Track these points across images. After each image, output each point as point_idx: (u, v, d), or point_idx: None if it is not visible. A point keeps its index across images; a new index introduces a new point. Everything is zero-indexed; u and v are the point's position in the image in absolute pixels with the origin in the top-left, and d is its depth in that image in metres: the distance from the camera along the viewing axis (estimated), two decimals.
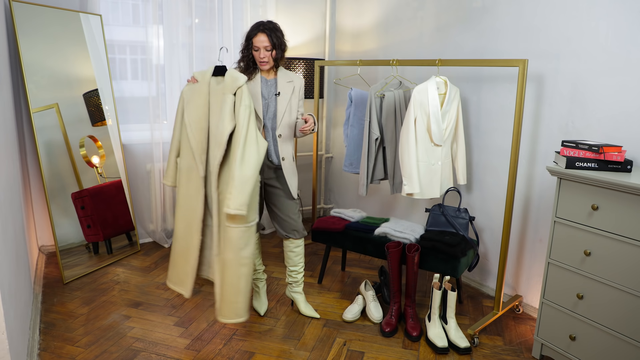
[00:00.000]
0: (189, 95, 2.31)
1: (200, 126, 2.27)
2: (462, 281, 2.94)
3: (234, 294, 2.23)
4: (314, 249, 3.72)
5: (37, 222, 3.39)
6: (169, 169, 2.44)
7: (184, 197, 2.35)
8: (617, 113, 2.26)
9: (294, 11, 4.09)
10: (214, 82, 2.29)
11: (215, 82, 2.29)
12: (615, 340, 1.98)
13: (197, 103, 2.28)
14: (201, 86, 2.29)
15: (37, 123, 2.93)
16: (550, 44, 2.52)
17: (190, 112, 2.29)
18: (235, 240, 2.18)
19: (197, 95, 2.29)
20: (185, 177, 2.34)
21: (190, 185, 2.33)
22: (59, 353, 2.28)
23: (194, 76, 2.34)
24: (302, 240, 2.64)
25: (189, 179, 2.33)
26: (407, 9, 3.46)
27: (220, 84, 2.27)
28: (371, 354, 2.35)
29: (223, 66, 2.32)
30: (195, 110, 2.28)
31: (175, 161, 2.41)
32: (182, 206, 2.36)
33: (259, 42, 2.38)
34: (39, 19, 2.98)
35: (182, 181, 2.36)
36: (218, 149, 2.19)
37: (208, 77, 2.30)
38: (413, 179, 2.71)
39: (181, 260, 2.38)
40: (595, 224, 2.00)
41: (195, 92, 2.30)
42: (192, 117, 2.28)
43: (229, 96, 2.19)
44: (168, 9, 3.48)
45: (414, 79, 3.24)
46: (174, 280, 2.43)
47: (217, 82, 2.29)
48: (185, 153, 2.34)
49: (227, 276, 2.21)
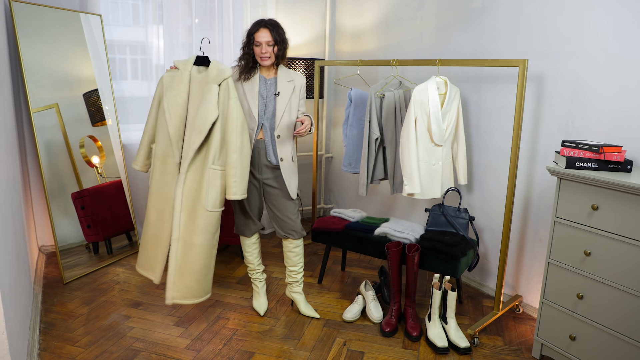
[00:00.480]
0: (169, 82, 2.33)
1: (179, 113, 2.28)
2: (462, 281, 2.94)
3: (202, 274, 2.29)
4: (314, 249, 3.72)
5: (37, 222, 3.39)
6: (140, 153, 2.46)
7: (158, 183, 2.36)
8: (617, 113, 2.26)
9: (294, 11, 4.09)
10: (195, 70, 2.33)
11: (196, 71, 2.33)
12: (615, 340, 1.98)
13: (177, 90, 2.30)
14: (182, 74, 2.31)
15: (37, 123, 2.93)
16: (550, 44, 2.52)
17: (169, 98, 2.30)
18: (211, 224, 2.26)
19: (177, 83, 2.31)
20: (161, 163, 2.35)
21: (165, 171, 2.34)
22: (59, 353, 2.28)
23: (175, 64, 2.37)
24: (301, 241, 2.64)
25: (164, 164, 2.34)
26: (407, 9, 3.46)
27: (202, 73, 2.30)
28: (371, 354, 2.35)
29: (205, 57, 2.34)
30: (174, 98, 2.30)
31: (147, 146, 2.44)
32: (155, 192, 2.37)
33: (260, 37, 2.37)
34: (39, 19, 2.98)
35: (157, 167, 2.36)
36: (198, 135, 2.21)
37: (189, 66, 2.33)
38: (414, 179, 2.71)
39: (152, 246, 2.38)
40: (595, 224, 2.00)
41: (176, 80, 2.32)
42: (171, 103, 2.29)
43: (213, 86, 2.21)
44: (168, 9, 3.48)
45: (414, 79, 3.24)
46: (144, 265, 2.44)
47: (199, 71, 2.32)
48: (161, 139, 2.35)
49: (194, 260, 2.25)
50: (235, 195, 2.24)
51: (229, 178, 2.24)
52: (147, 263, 2.42)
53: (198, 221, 2.24)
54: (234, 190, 2.23)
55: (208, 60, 2.35)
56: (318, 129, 4.26)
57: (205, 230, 2.25)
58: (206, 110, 2.19)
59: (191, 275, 2.25)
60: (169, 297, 2.27)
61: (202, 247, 2.26)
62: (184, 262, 2.25)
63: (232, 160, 2.23)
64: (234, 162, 2.23)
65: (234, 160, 2.23)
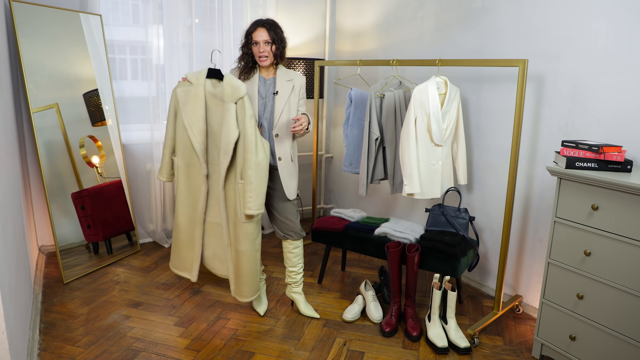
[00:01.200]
0: (184, 97, 2.40)
1: (200, 128, 2.40)
2: (462, 281, 2.94)
3: (253, 275, 2.49)
4: (314, 249, 3.72)
5: (37, 222, 3.39)
6: (164, 165, 2.59)
7: (184, 193, 2.54)
8: (617, 113, 2.26)
9: (294, 11, 4.09)
10: (209, 85, 2.38)
11: (211, 85, 2.38)
12: (615, 341, 1.98)
13: (194, 106, 2.38)
14: (197, 89, 2.37)
15: (37, 123, 2.93)
16: (550, 44, 2.52)
17: (187, 114, 2.39)
18: (250, 233, 2.41)
19: (192, 98, 2.38)
20: (184, 175, 2.51)
21: (190, 181, 2.51)
22: (59, 353, 2.28)
23: (188, 78, 2.40)
24: (300, 241, 2.64)
25: (188, 175, 2.51)
26: (407, 9, 3.46)
27: (217, 89, 2.36)
28: (371, 354, 2.35)
29: (217, 70, 2.36)
30: (192, 113, 2.39)
31: (170, 158, 2.56)
32: (183, 201, 2.55)
33: (258, 36, 2.38)
34: (39, 19, 2.98)
35: (181, 178, 2.53)
36: (225, 156, 2.34)
37: (202, 80, 2.38)
38: (414, 179, 2.71)
39: (185, 249, 2.60)
40: (595, 224, 2.00)
41: (191, 95, 2.38)
42: (190, 120, 2.39)
43: (231, 105, 2.29)
44: (168, 9, 3.48)
45: (414, 79, 3.24)
46: (180, 267, 2.66)
47: (213, 85, 2.38)
48: (183, 152, 2.49)
49: (246, 262, 2.43)
50: (250, 211, 2.32)
51: (245, 194, 2.32)
52: (182, 264, 2.64)
53: (239, 231, 2.41)
54: (249, 206, 2.32)
55: (220, 73, 2.37)
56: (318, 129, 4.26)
57: (246, 238, 2.40)
58: (227, 130, 2.29)
59: (241, 278, 2.47)
60: (233, 290, 2.52)
61: (245, 252, 2.43)
62: (237, 266, 2.46)
63: (247, 177, 2.31)
64: (249, 177, 2.31)
65: (249, 176, 2.31)
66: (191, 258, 2.59)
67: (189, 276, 2.62)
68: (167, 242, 3.71)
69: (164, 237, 3.70)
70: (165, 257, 3.49)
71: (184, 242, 2.59)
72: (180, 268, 2.65)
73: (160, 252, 3.59)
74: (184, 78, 2.43)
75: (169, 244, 3.72)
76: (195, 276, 2.60)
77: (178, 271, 2.67)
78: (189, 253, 2.60)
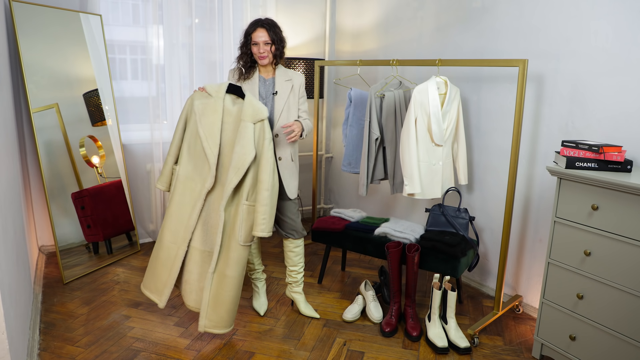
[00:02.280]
0: (201, 109, 2.31)
1: (215, 142, 2.30)
2: (462, 281, 2.94)
3: (235, 304, 2.35)
4: (314, 249, 3.72)
5: (37, 222, 3.39)
6: (164, 173, 2.45)
7: (177, 206, 2.36)
8: (617, 113, 2.26)
9: (294, 11, 4.09)
10: (228, 101, 2.32)
11: (230, 102, 2.33)
12: (615, 341, 1.98)
13: (211, 119, 2.30)
14: (216, 103, 2.30)
15: (37, 123, 2.93)
16: (550, 44, 2.52)
17: (204, 126, 2.30)
18: (243, 258, 2.32)
19: (211, 111, 2.31)
20: (182, 186, 2.36)
21: (185, 195, 2.36)
22: (59, 353, 2.28)
23: (207, 89, 2.32)
24: (301, 240, 2.64)
25: (185, 188, 2.36)
26: (407, 9, 3.46)
27: (236, 106, 2.31)
28: (371, 354, 2.35)
29: (238, 86, 2.32)
30: (210, 126, 2.30)
31: (172, 167, 2.44)
32: (172, 214, 2.37)
33: (257, 37, 2.38)
34: (39, 19, 2.98)
35: (178, 189, 2.37)
36: (236, 174, 2.25)
37: (222, 94, 2.31)
38: (414, 179, 2.71)
39: (162, 269, 2.38)
40: (595, 224, 2.00)
41: (209, 108, 2.31)
42: (207, 131, 2.30)
43: (249, 124, 2.25)
44: (168, 9, 3.48)
45: (414, 79, 3.24)
46: (150, 287, 2.44)
47: (233, 102, 2.33)
48: (187, 162, 2.37)
49: (230, 289, 2.30)
50: (262, 233, 2.27)
51: (257, 215, 2.27)
52: (154, 285, 2.42)
53: (232, 254, 2.29)
54: (261, 228, 2.27)
55: (241, 90, 2.32)
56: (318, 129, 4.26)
57: (237, 263, 2.30)
58: (243, 149, 2.23)
59: (223, 306, 2.31)
60: (201, 325, 2.31)
61: (233, 278, 2.30)
62: (218, 293, 2.30)
63: (263, 198, 2.27)
64: (264, 199, 2.27)
65: (265, 197, 2.27)
66: (164, 279, 2.36)
67: (157, 300, 2.38)
68: None
69: None
70: None
71: (162, 260, 2.37)
72: (150, 289, 2.43)
73: None
74: (201, 88, 2.35)
75: None
76: (164, 302, 2.36)
77: (148, 292, 2.44)
78: (163, 273, 2.37)
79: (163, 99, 3.62)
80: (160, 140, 3.58)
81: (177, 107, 3.66)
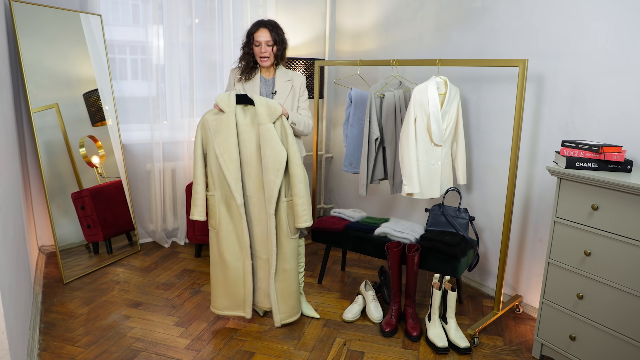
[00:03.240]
0: (215, 126, 2.31)
1: (232, 157, 2.31)
2: (462, 281, 2.94)
3: (297, 292, 2.53)
4: (314, 249, 3.72)
5: (37, 222, 3.39)
6: (198, 204, 2.42)
7: (228, 227, 2.42)
8: (617, 113, 2.26)
9: (294, 11, 4.09)
10: (239, 112, 2.32)
11: (241, 111, 2.33)
12: (615, 341, 1.98)
13: (226, 134, 2.30)
14: (228, 117, 2.30)
15: (37, 123, 2.93)
16: (550, 44, 2.52)
17: (219, 143, 2.31)
18: (296, 249, 2.48)
19: (224, 127, 2.30)
20: (225, 207, 2.42)
21: (231, 214, 2.42)
22: (59, 353, 2.28)
23: (219, 104, 2.30)
24: (302, 241, 2.64)
25: (228, 207, 2.42)
26: (407, 9, 3.46)
27: (248, 114, 2.33)
28: (371, 354, 2.35)
29: (244, 95, 2.32)
30: (225, 142, 2.30)
31: (204, 195, 2.43)
32: (227, 236, 2.43)
33: (260, 37, 2.39)
34: (39, 19, 2.98)
35: (223, 212, 2.42)
36: (277, 175, 2.30)
37: (233, 107, 2.30)
38: (413, 179, 2.71)
39: (235, 288, 2.49)
40: (595, 224, 2.00)
41: (223, 123, 2.30)
42: (223, 148, 2.31)
43: (270, 126, 2.28)
44: (168, 9, 3.48)
45: (414, 79, 3.24)
46: (229, 306, 2.53)
47: (244, 112, 2.33)
48: (220, 184, 2.39)
49: (292, 280, 2.48)
50: (306, 223, 2.36)
51: (297, 208, 2.36)
52: (232, 303, 2.52)
53: (286, 249, 2.43)
54: (304, 219, 2.36)
55: (247, 97, 2.31)
56: (318, 129, 4.26)
57: (292, 256, 2.46)
58: (274, 150, 2.27)
59: (290, 296, 2.49)
60: (276, 320, 2.48)
61: (292, 270, 2.47)
62: (283, 288, 2.47)
63: (299, 190, 2.34)
64: (301, 191, 2.34)
65: (301, 189, 2.34)
66: (243, 295, 2.48)
67: (243, 314, 2.51)
68: (167, 242, 3.72)
69: (164, 237, 3.70)
70: (166, 257, 3.49)
71: (233, 279, 2.46)
72: (230, 308, 2.52)
73: (160, 252, 3.59)
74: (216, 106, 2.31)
75: (169, 244, 3.72)
76: (250, 313, 2.49)
77: (228, 312, 2.52)
78: (240, 290, 2.48)
79: (163, 99, 3.62)
80: (160, 140, 3.58)
81: (177, 107, 3.66)
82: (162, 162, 3.62)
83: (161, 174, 3.64)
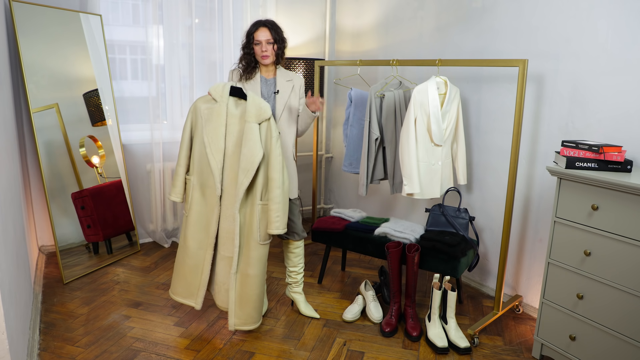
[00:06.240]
0: (207, 115, 2.31)
1: (219, 147, 2.30)
2: (462, 281, 2.94)
3: (260, 300, 2.41)
4: (314, 249, 3.72)
5: (37, 222, 3.39)
6: (177, 185, 2.44)
7: (198, 214, 2.40)
8: (617, 113, 2.26)
9: (294, 11, 4.09)
10: (232, 104, 2.32)
11: (233, 104, 2.32)
12: (615, 341, 1.98)
13: (215, 124, 2.30)
14: (220, 107, 2.30)
15: (37, 123, 2.93)
16: (550, 44, 2.52)
17: (209, 132, 2.31)
18: (263, 256, 2.36)
19: (215, 116, 2.30)
20: (200, 194, 2.40)
21: (205, 201, 2.39)
22: (59, 353, 2.28)
23: (211, 94, 2.31)
24: (301, 241, 2.64)
25: (203, 196, 2.39)
26: (407, 9, 3.46)
27: (239, 108, 2.31)
28: (371, 354, 2.35)
29: (239, 88, 2.31)
30: (214, 131, 2.30)
31: (184, 177, 2.43)
32: (195, 223, 2.41)
33: (260, 36, 2.39)
34: (39, 19, 2.98)
35: (196, 198, 2.40)
36: (246, 176, 2.26)
37: (226, 98, 2.30)
38: (413, 179, 2.71)
39: (192, 275, 2.45)
40: (595, 224, 2.00)
41: (214, 113, 2.31)
42: (211, 137, 2.30)
43: (254, 125, 2.25)
44: (168, 9, 3.48)
45: (414, 79, 3.24)
46: (182, 293, 2.49)
47: (236, 105, 2.32)
48: (199, 171, 2.39)
49: (254, 287, 2.35)
50: (277, 230, 2.30)
51: (271, 213, 2.29)
52: (186, 291, 2.48)
53: (252, 254, 2.33)
54: (276, 225, 2.29)
55: (242, 91, 2.31)
56: (318, 129, 4.26)
57: (258, 262, 2.35)
58: (251, 150, 2.24)
59: (249, 304, 2.37)
60: (231, 323, 2.37)
61: (256, 277, 2.35)
62: (243, 292, 2.36)
63: (275, 196, 2.28)
64: (277, 197, 2.28)
65: (277, 195, 2.28)
66: (197, 284, 2.44)
67: (193, 304, 2.45)
68: (167, 242, 3.71)
69: (164, 237, 3.70)
70: (165, 257, 3.49)
71: (191, 266, 2.43)
72: (183, 295, 2.48)
73: (160, 252, 3.59)
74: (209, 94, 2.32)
75: (169, 244, 3.72)
76: (200, 303, 2.43)
77: (180, 298, 2.49)
78: (195, 278, 2.44)
79: (163, 99, 3.62)
80: (160, 140, 3.58)
81: (177, 107, 3.66)
82: (162, 162, 3.62)
83: (161, 174, 3.64)
